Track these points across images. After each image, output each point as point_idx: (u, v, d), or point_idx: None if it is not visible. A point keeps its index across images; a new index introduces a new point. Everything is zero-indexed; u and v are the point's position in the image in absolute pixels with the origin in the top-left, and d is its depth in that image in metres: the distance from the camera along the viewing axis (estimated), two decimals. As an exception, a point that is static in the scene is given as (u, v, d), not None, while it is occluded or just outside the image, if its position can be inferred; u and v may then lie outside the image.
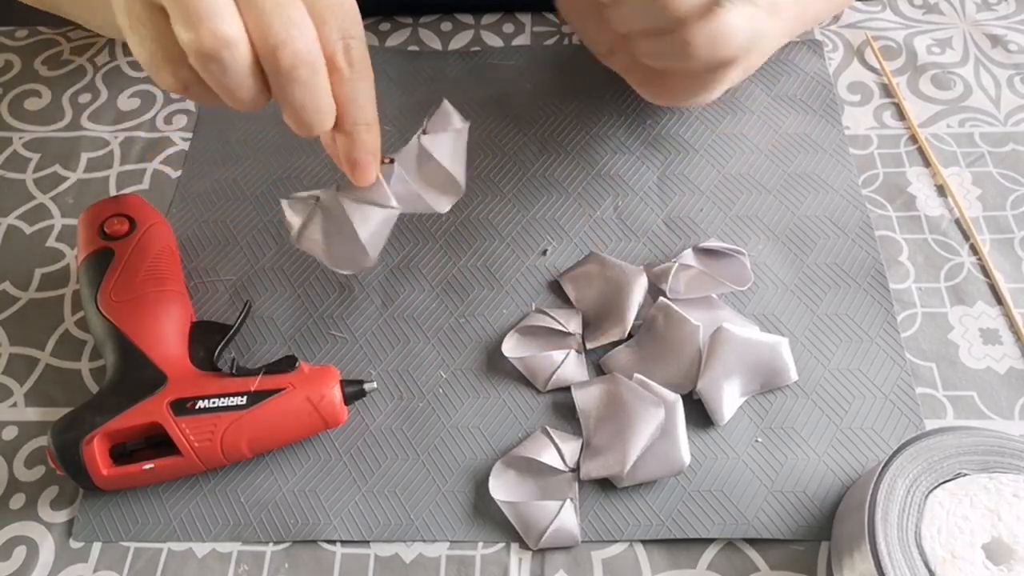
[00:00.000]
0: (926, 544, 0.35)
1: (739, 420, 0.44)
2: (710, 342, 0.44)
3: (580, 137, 0.55)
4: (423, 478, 0.43)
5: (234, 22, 0.31)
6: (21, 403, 0.47)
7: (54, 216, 0.54)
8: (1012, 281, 0.48)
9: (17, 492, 0.44)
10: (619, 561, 0.41)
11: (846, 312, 0.47)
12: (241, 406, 0.41)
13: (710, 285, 0.47)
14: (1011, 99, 0.56)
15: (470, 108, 0.57)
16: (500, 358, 0.46)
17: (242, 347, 0.48)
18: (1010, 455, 0.37)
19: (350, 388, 0.43)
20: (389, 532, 0.42)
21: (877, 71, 0.58)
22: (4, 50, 0.63)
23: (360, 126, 0.36)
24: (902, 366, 0.45)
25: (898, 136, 0.55)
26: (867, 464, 0.43)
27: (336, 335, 0.48)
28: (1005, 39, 0.59)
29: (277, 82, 0.32)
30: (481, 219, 0.52)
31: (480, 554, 0.41)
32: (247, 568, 0.41)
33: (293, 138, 0.57)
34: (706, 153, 0.54)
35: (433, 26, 0.62)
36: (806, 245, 0.50)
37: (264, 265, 0.51)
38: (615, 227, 0.51)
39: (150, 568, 0.42)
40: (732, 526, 0.41)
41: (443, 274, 0.50)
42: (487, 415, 0.45)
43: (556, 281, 0.50)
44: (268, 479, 0.44)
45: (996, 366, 0.45)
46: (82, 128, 0.59)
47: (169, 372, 0.42)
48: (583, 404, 0.44)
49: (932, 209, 0.51)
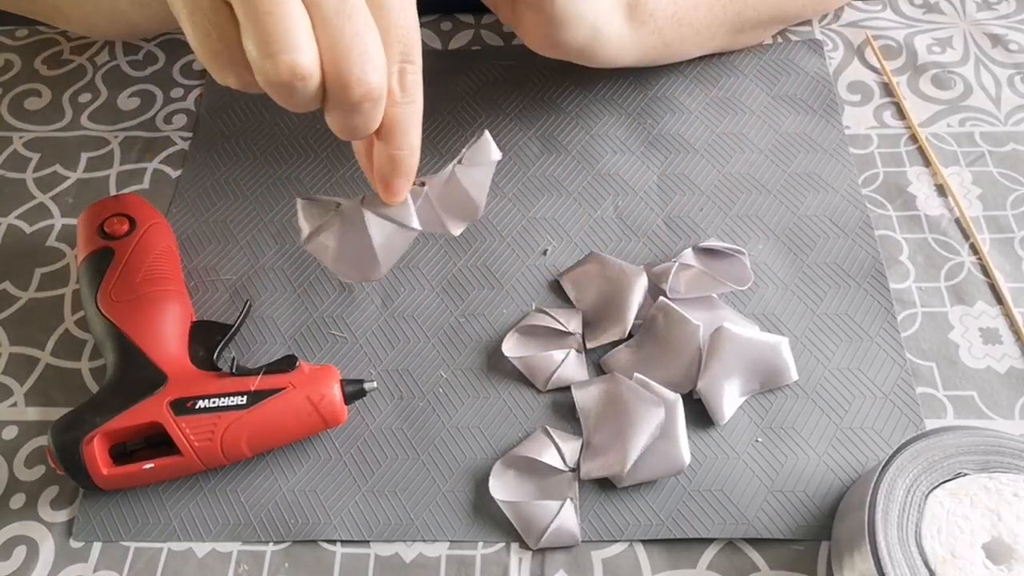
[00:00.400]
0: (926, 544, 0.35)
1: (739, 420, 0.44)
2: (710, 342, 0.44)
3: (580, 137, 0.56)
4: (423, 478, 0.43)
5: (311, 53, 0.30)
6: (21, 403, 0.47)
7: (54, 216, 0.54)
8: (1012, 281, 0.48)
9: (17, 492, 0.44)
10: (619, 561, 0.41)
11: (846, 312, 0.47)
12: (241, 406, 0.41)
13: (710, 285, 0.47)
14: (1011, 99, 0.56)
15: (470, 108, 0.57)
16: (500, 358, 0.46)
17: (242, 347, 0.48)
18: (1010, 455, 0.37)
19: (350, 388, 0.43)
20: (389, 532, 0.42)
21: (877, 70, 0.58)
22: (4, 50, 0.63)
23: (404, 150, 0.35)
24: (902, 366, 0.45)
25: (898, 136, 0.55)
26: (867, 464, 0.43)
27: (336, 335, 0.48)
28: (1005, 38, 0.59)
29: (339, 108, 0.32)
30: (481, 219, 0.52)
31: (480, 554, 0.41)
32: (247, 568, 0.41)
33: (294, 138, 0.57)
34: (706, 153, 0.54)
35: (433, 26, 0.62)
36: (806, 245, 0.50)
37: (264, 265, 0.51)
38: (615, 227, 0.51)
39: (150, 568, 0.42)
40: (732, 526, 0.41)
41: (443, 274, 0.50)
42: (487, 415, 0.45)
43: (556, 281, 0.50)
44: (268, 479, 0.44)
45: (996, 366, 0.45)
46: (82, 128, 0.59)
47: (169, 372, 0.42)
48: (583, 404, 0.44)
49: (932, 209, 0.51)
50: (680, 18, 0.51)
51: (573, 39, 0.47)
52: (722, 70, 0.58)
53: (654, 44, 0.51)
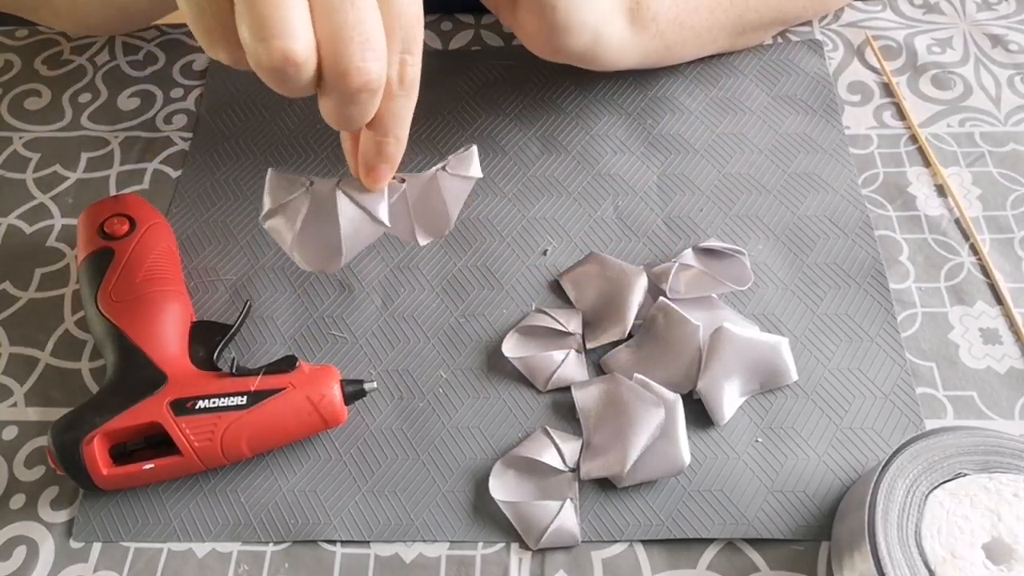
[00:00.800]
0: (926, 544, 0.35)
1: (739, 420, 0.44)
2: (710, 342, 0.44)
3: (580, 137, 0.56)
4: (423, 478, 0.43)
5: (306, 38, 0.29)
6: (21, 403, 0.47)
7: (54, 216, 0.54)
8: (1012, 281, 0.48)
9: (17, 492, 0.44)
10: (619, 561, 0.41)
11: (846, 312, 0.47)
12: (241, 406, 0.41)
13: (710, 285, 0.47)
14: (1011, 99, 0.56)
15: (470, 108, 0.57)
16: (500, 358, 0.46)
17: (242, 347, 0.48)
18: (1010, 455, 0.37)
19: (350, 388, 0.43)
20: (389, 532, 0.42)
21: (877, 71, 0.58)
22: (4, 50, 0.63)
23: (391, 138, 0.35)
24: (902, 366, 0.45)
25: (898, 136, 0.55)
26: (867, 464, 0.43)
27: (336, 335, 0.48)
28: (1005, 39, 0.59)
29: (334, 95, 0.31)
30: (481, 219, 0.52)
31: (480, 554, 0.41)
32: (247, 568, 0.41)
33: (294, 138, 0.57)
34: (706, 153, 0.54)
35: (433, 26, 0.62)
36: (806, 245, 0.50)
37: (264, 265, 0.51)
38: (615, 227, 0.51)
39: (150, 568, 0.42)
40: (732, 526, 0.41)
41: (443, 274, 0.50)
42: (487, 415, 0.45)
43: (556, 281, 0.50)
44: (268, 479, 0.44)
45: (996, 366, 0.45)
46: (82, 128, 0.59)
47: (169, 372, 0.42)
48: (583, 404, 0.44)
49: (932, 209, 0.51)
50: (682, 21, 0.51)
51: (575, 44, 0.47)
52: (722, 70, 0.58)
53: (655, 48, 0.51)
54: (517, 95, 0.58)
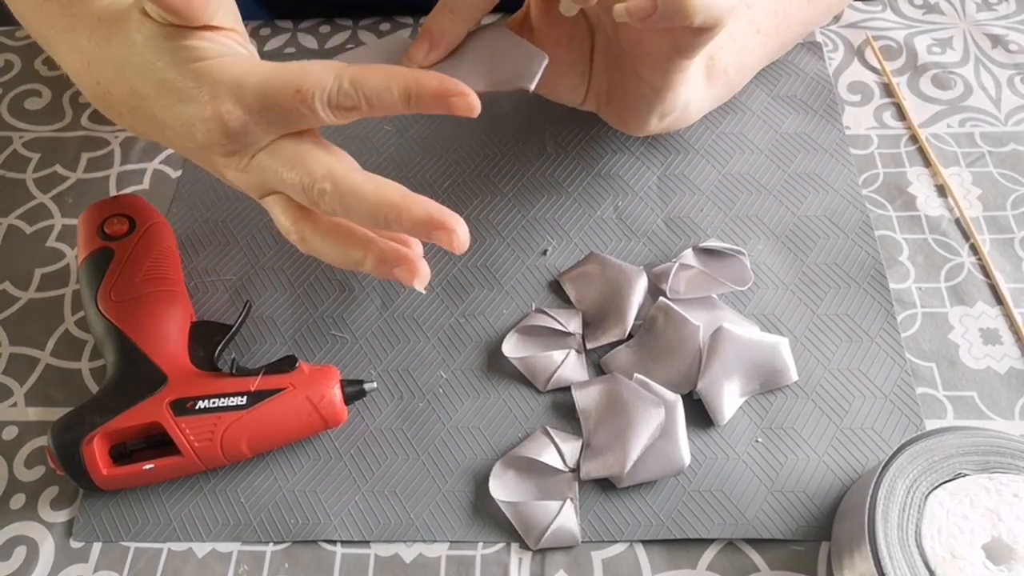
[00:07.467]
0: (926, 544, 0.35)
1: (739, 420, 0.44)
2: (710, 342, 0.44)
3: (580, 137, 0.55)
4: (423, 478, 0.43)
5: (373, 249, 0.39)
6: (21, 403, 0.47)
7: (54, 216, 0.54)
8: (1012, 281, 0.48)
9: (17, 492, 0.44)
10: (619, 561, 0.41)
11: (846, 312, 0.47)
12: (241, 406, 0.41)
13: (710, 285, 0.47)
14: (1011, 99, 0.56)
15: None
16: (500, 358, 0.46)
17: (242, 347, 0.48)
18: (1010, 455, 0.37)
19: (350, 388, 0.43)
20: (389, 532, 0.42)
21: (877, 71, 0.58)
22: (4, 50, 0.64)
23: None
24: (902, 366, 0.45)
25: (898, 136, 0.55)
26: (867, 464, 0.43)
27: (336, 335, 0.48)
28: (1005, 39, 0.59)
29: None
30: (481, 219, 0.52)
31: (480, 554, 0.41)
32: (247, 568, 0.42)
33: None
34: (706, 153, 0.54)
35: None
36: (806, 245, 0.50)
37: (264, 265, 0.51)
38: (615, 227, 0.51)
39: (150, 568, 0.42)
40: (732, 526, 0.41)
41: (443, 274, 0.50)
42: (487, 415, 0.45)
43: (556, 281, 0.50)
44: (268, 479, 0.44)
45: (996, 366, 0.45)
46: (82, 128, 0.59)
47: (169, 372, 0.42)
48: (583, 404, 0.44)
49: (932, 209, 0.51)
50: (742, 63, 0.51)
51: (668, 125, 0.48)
52: (722, 70, 0.58)
53: (723, 95, 0.52)
54: (517, 95, 0.58)
